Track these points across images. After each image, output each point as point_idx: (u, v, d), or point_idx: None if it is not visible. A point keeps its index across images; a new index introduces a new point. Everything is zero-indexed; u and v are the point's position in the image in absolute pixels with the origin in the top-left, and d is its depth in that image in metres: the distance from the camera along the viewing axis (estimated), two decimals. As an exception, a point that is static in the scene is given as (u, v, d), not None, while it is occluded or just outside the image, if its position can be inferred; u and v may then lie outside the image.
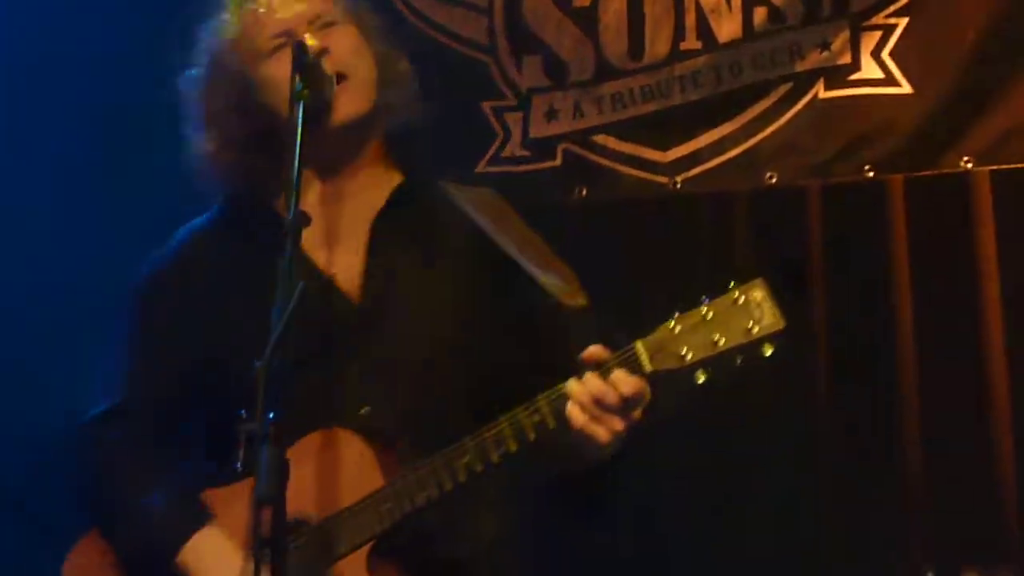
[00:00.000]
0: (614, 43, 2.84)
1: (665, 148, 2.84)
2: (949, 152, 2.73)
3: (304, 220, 1.44)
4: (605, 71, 2.86)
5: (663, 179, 2.85)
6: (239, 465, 1.33)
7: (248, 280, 1.66)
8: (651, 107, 2.85)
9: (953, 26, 2.76)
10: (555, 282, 1.68)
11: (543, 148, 2.90)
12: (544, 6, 2.88)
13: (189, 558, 1.66)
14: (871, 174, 2.76)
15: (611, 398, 1.43)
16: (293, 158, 1.47)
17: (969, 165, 2.71)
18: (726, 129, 2.81)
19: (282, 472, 1.30)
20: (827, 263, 2.80)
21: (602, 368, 1.46)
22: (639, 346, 1.46)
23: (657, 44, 2.83)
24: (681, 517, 2.73)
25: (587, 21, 2.86)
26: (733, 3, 2.80)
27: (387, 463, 1.63)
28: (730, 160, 2.82)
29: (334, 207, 1.78)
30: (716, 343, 1.39)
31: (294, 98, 1.51)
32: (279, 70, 1.66)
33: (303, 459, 1.55)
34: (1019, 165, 2.74)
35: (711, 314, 1.42)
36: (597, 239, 2.82)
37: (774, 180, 2.80)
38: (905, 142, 2.75)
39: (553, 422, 1.47)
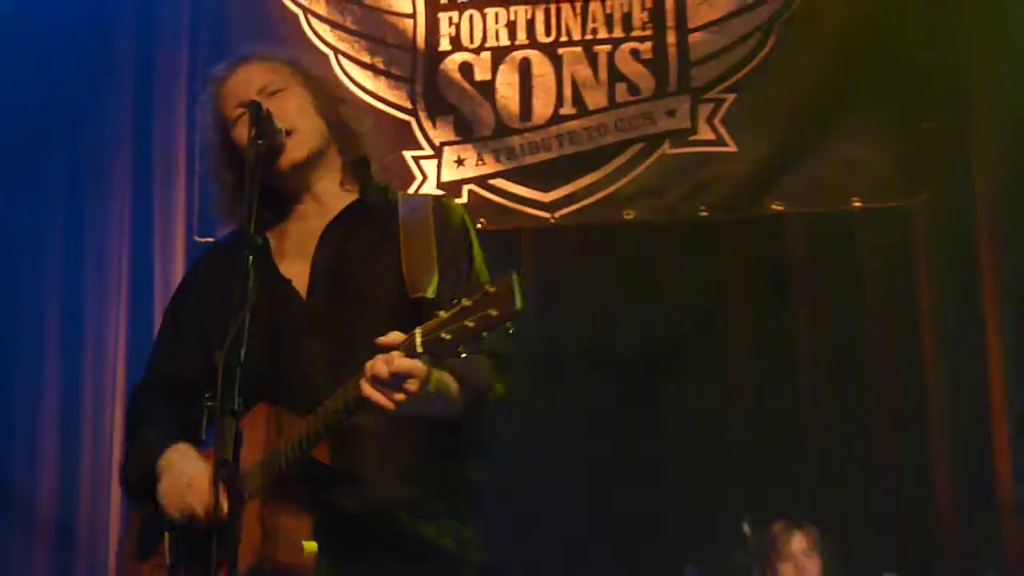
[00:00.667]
0: (507, 108, 3.61)
1: (547, 190, 3.59)
2: (765, 198, 3.52)
3: (252, 240, 1.76)
4: (501, 129, 3.62)
5: (545, 214, 3.60)
6: (203, 438, 1.64)
7: (228, 288, 1.95)
8: (536, 158, 3.61)
9: (771, 100, 3.59)
10: (410, 269, 1.98)
11: (452, 188, 3.63)
12: (454, 79, 3.65)
13: (163, 464, 1.94)
14: (705, 214, 3.54)
15: (383, 374, 1.63)
16: (248, 190, 1.85)
17: (780, 208, 3.50)
18: (594, 177, 3.58)
19: (237, 440, 1.58)
20: (672, 281, 3.58)
21: (390, 352, 1.66)
22: (417, 332, 1.64)
23: (541, 109, 3.60)
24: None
25: (487, 91, 3.63)
26: (600, 78, 3.59)
27: (288, 427, 1.87)
28: (597, 201, 3.58)
29: (298, 224, 2.07)
30: (467, 326, 1.61)
31: (248, 145, 1.84)
32: (243, 133, 1.96)
33: (249, 424, 1.82)
34: (818, 209, 3.55)
35: (470, 303, 1.61)
36: (492, 260, 3.57)
37: (631, 217, 3.57)
38: (732, 190, 3.54)
39: (356, 393, 1.70)
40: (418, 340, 1.62)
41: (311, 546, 1.77)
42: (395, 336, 1.66)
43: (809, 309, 3.55)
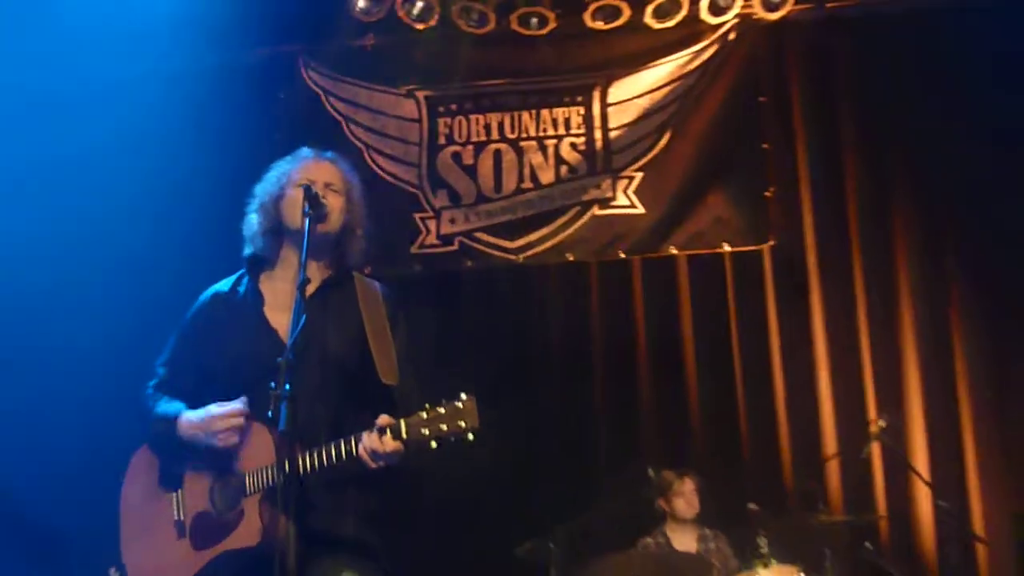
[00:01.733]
0: (485, 183, 5.13)
1: (513, 240, 5.08)
2: (664, 244, 5.04)
3: (304, 283, 2.31)
4: (480, 198, 5.13)
5: (513, 257, 5.08)
6: (270, 414, 2.15)
7: (232, 320, 2.61)
8: (505, 218, 5.11)
9: (666, 177, 5.08)
10: (379, 360, 2.54)
11: (447, 240, 5.13)
12: (448, 163, 5.17)
13: (183, 421, 2.53)
14: (622, 256, 5.06)
15: (377, 448, 2.27)
16: (302, 246, 2.38)
17: (675, 252, 5.02)
18: (545, 231, 5.08)
19: (294, 413, 2.14)
20: (602, 303, 5.10)
21: (381, 430, 2.26)
22: (403, 423, 2.27)
23: (508, 184, 5.11)
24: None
25: (471, 172, 5.15)
26: (549, 163, 5.11)
27: (281, 447, 2.27)
28: (548, 247, 5.08)
29: (282, 285, 2.62)
30: (441, 428, 2.20)
31: (303, 215, 2.43)
32: (295, 195, 2.56)
33: (253, 443, 2.41)
34: (700, 251, 5.04)
35: (444, 411, 2.22)
36: (480, 293, 5.10)
37: (572, 258, 5.08)
38: (640, 238, 5.04)
39: (353, 451, 2.33)
40: (403, 429, 2.29)
41: None
42: (386, 419, 2.30)
43: (696, 321, 5.07)
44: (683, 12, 5.05)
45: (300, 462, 2.36)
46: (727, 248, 5.04)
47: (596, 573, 4.25)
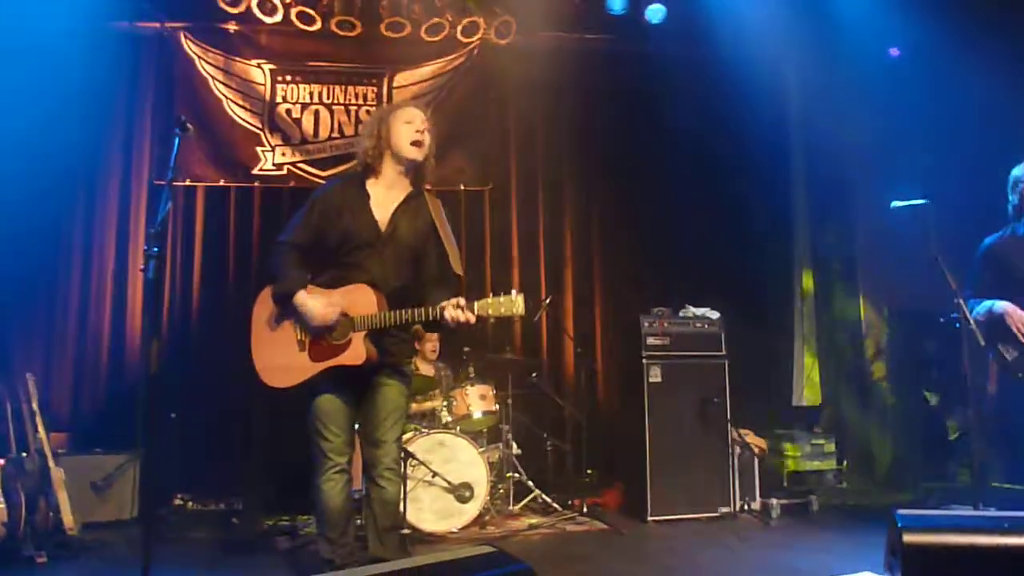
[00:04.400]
0: (307, 131, 7.24)
1: (324, 171, 7.25)
2: (423, 181, 7.60)
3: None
4: (303, 141, 7.26)
5: (322, 182, 7.13)
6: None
7: (346, 205, 3.37)
8: (320, 156, 7.26)
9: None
10: (452, 254, 3.37)
11: (279, 167, 7.18)
12: (282, 116, 7.24)
13: (299, 298, 3.30)
14: (396, 186, 7.59)
15: (459, 317, 3.05)
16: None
17: (428, 187, 7.58)
18: (346, 167, 7.19)
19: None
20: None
21: (460, 305, 3.06)
22: (476, 304, 3.06)
23: (323, 133, 7.27)
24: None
25: (298, 123, 7.22)
26: (351, 121, 7.34)
27: (381, 302, 3.18)
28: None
29: (387, 193, 3.44)
30: (501, 311, 3.02)
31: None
32: (402, 128, 3.48)
33: (353, 292, 3.28)
34: (446, 188, 7.52)
35: (502, 299, 3.01)
36: (297, 201, 7.48)
37: (363, 186, 7.51)
38: (408, 176, 7.59)
39: (438, 314, 3.13)
40: (477, 307, 3.14)
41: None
42: (463, 300, 3.10)
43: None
44: (446, 31, 7.22)
45: (394, 316, 3.21)
46: (462, 188, 7.36)
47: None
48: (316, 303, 3.27)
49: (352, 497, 3.61)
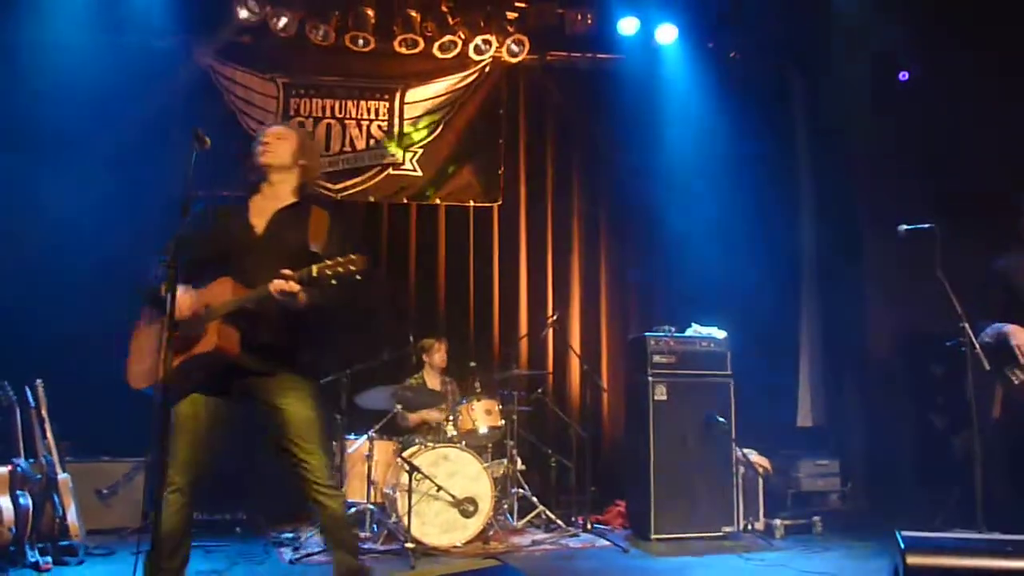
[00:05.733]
0: (320, 144, 7.46)
1: (335, 184, 7.44)
2: (433, 195, 7.65)
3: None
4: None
5: (334, 195, 7.36)
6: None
7: (222, 222, 3.47)
8: (331, 169, 7.37)
9: (436, 155, 7.66)
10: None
11: None
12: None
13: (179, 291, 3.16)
14: (405, 201, 7.64)
15: (284, 288, 3.14)
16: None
17: (438, 201, 7.69)
18: (356, 180, 7.46)
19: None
20: (391, 232, 7.67)
21: (285, 276, 3.15)
22: (314, 267, 3.15)
23: (335, 147, 7.45)
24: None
25: (312, 136, 7.54)
26: (362, 136, 7.51)
27: (237, 290, 3.27)
28: (357, 191, 7.49)
29: (264, 202, 3.55)
30: (339, 271, 3.09)
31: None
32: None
33: (213, 285, 3.32)
34: (455, 203, 7.71)
35: (342, 260, 3.08)
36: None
37: (374, 199, 7.58)
38: (418, 190, 7.60)
39: (267, 292, 3.20)
40: (314, 270, 3.18)
41: None
42: (289, 272, 3.17)
43: (448, 246, 7.70)
44: (458, 49, 7.46)
45: (237, 301, 3.30)
46: (472, 203, 7.62)
47: (370, 396, 5.99)
48: (182, 296, 3.25)
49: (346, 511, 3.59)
